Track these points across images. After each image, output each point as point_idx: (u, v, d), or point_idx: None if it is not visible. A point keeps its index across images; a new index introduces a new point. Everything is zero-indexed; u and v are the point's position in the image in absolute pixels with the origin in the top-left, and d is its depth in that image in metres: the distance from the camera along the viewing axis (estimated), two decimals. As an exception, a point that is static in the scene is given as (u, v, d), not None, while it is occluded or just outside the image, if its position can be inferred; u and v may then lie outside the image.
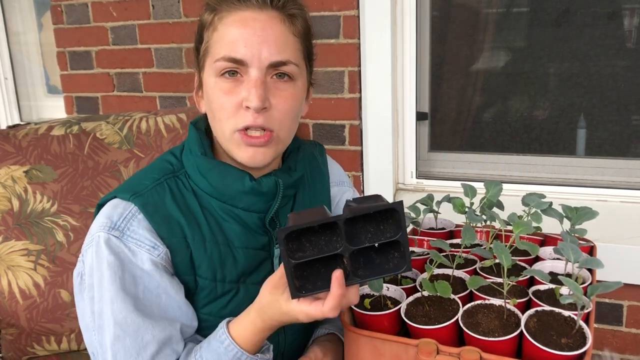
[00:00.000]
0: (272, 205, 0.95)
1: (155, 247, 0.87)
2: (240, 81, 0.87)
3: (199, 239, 0.90)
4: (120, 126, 1.37)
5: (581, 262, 0.83)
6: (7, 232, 1.26)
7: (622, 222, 1.43)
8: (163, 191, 0.91)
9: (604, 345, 1.48)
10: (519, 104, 1.66)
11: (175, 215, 0.90)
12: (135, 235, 0.86)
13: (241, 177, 0.91)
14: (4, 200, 1.26)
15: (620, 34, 1.54)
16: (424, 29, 1.65)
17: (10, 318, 1.27)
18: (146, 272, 0.86)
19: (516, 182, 1.62)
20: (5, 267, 1.25)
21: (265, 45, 0.86)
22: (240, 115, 0.87)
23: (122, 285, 0.84)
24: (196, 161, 0.93)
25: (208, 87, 0.89)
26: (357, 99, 1.58)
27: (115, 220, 0.87)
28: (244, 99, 0.86)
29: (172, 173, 0.94)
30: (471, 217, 0.97)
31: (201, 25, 0.90)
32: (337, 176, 1.14)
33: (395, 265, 0.76)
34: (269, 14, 0.87)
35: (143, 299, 0.86)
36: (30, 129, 1.34)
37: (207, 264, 0.91)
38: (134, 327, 0.84)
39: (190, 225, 0.90)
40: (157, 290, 0.87)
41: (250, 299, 0.91)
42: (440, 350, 0.75)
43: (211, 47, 0.87)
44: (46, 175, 1.29)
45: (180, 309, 0.89)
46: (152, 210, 0.88)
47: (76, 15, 1.90)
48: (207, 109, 0.92)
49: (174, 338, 0.87)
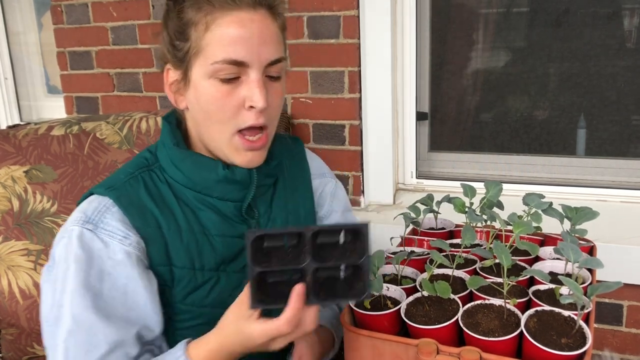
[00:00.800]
0: (248, 194, 0.95)
1: (127, 237, 0.87)
2: (239, 82, 0.87)
3: (175, 229, 0.91)
4: (120, 126, 1.37)
5: (581, 262, 0.83)
6: (7, 232, 1.26)
7: (622, 222, 1.43)
8: (137, 184, 0.92)
9: (604, 345, 1.48)
10: (519, 104, 1.66)
11: (149, 206, 0.91)
12: (108, 227, 0.87)
13: (214, 166, 0.92)
14: (4, 200, 1.26)
15: (620, 34, 1.54)
16: (424, 29, 1.65)
17: (10, 318, 1.27)
18: (118, 262, 0.86)
19: (516, 182, 1.62)
20: (5, 267, 1.25)
21: (263, 46, 0.87)
22: (241, 116, 0.88)
23: (85, 281, 0.84)
24: (169, 153, 0.94)
25: (201, 88, 0.88)
26: (357, 99, 1.58)
27: (90, 214, 0.88)
28: (246, 99, 0.87)
29: (146, 167, 0.95)
30: (471, 217, 0.97)
31: (183, 22, 0.87)
32: (317, 169, 1.15)
33: (356, 292, 0.77)
34: (262, 14, 0.88)
35: (107, 297, 0.85)
36: (30, 129, 1.35)
37: (184, 253, 0.91)
38: (88, 324, 0.83)
39: (164, 216, 0.91)
40: (125, 287, 0.86)
41: (233, 286, 0.92)
42: (440, 350, 0.75)
43: (204, 48, 0.86)
44: (46, 175, 1.29)
45: (145, 307, 0.88)
46: (126, 202, 0.89)
47: (76, 15, 1.90)
48: (197, 109, 0.91)
49: (127, 342, 0.86)
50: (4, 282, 1.25)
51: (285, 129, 1.61)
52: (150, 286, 0.88)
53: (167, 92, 0.94)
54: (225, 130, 0.89)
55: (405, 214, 1.08)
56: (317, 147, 1.65)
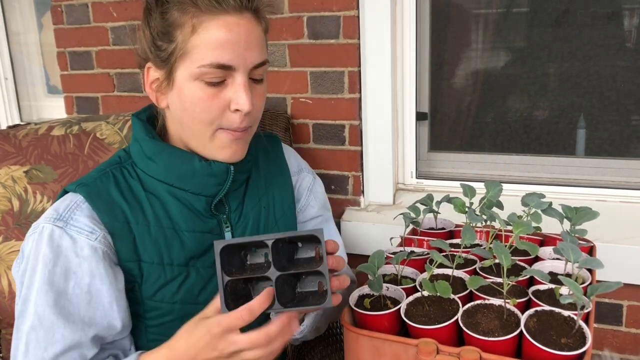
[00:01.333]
0: (222, 189, 0.96)
1: (94, 232, 0.88)
2: (224, 85, 0.88)
3: (143, 224, 0.92)
4: (121, 126, 1.37)
5: (581, 262, 0.84)
6: (7, 232, 1.26)
7: (622, 222, 1.43)
8: (107, 179, 0.93)
9: (603, 345, 1.48)
10: (519, 104, 1.66)
11: (118, 200, 0.92)
12: (77, 223, 0.88)
13: (190, 158, 0.93)
14: (4, 200, 1.27)
15: (620, 34, 1.54)
16: (424, 29, 1.65)
17: (10, 318, 1.27)
18: (84, 257, 0.87)
19: (516, 182, 1.62)
20: (6, 267, 1.25)
21: (249, 50, 0.88)
22: (226, 118, 0.90)
23: (50, 279, 0.86)
24: (143, 146, 0.95)
25: (186, 89, 0.89)
26: (357, 99, 1.58)
27: (61, 211, 0.89)
28: (231, 101, 0.88)
29: (118, 164, 0.97)
30: (471, 217, 0.97)
31: (168, 23, 0.88)
32: (295, 165, 1.17)
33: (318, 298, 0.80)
34: (248, 17, 0.88)
35: (71, 295, 0.87)
36: (30, 129, 1.35)
37: (153, 248, 0.92)
38: (49, 322, 0.85)
39: (133, 211, 0.92)
40: (89, 286, 0.87)
41: (202, 281, 0.93)
42: (440, 350, 0.75)
43: (190, 50, 0.86)
44: (46, 175, 1.29)
45: (110, 306, 0.88)
46: (95, 197, 0.90)
47: (76, 16, 1.90)
48: (180, 109, 0.91)
49: (84, 344, 0.87)
50: (4, 282, 1.25)
51: (285, 129, 1.61)
52: (115, 283, 0.89)
53: (147, 90, 0.95)
54: (209, 130, 0.90)
55: (405, 214, 1.08)
56: (317, 147, 1.65)
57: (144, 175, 0.95)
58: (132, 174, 0.95)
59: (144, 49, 0.92)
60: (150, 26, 0.90)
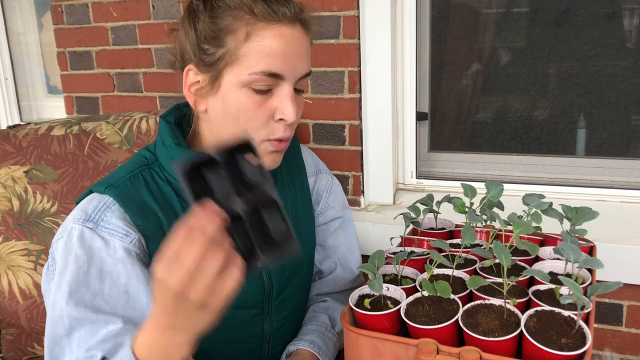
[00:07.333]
0: None
1: (128, 234, 0.87)
2: (270, 93, 0.89)
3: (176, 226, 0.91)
4: (121, 126, 1.37)
5: (581, 262, 0.84)
6: (7, 232, 1.26)
7: (622, 222, 1.43)
8: (137, 181, 0.92)
9: (604, 345, 1.48)
10: (519, 104, 1.66)
11: (150, 203, 0.90)
12: (108, 225, 0.87)
13: None
14: (4, 200, 1.27)
15: (620, 34, 1.54)
16: (424, 29, 1.65)
17: (10, 318, 1.27)
18: (118, 260, 0.85)
19: (516, 182, 1.62)
20: (6, 267, 1.25)
21: (299, 61, 0.89)
22: (271, 127, 0.90)
23: (85, 281, 0.83)
24: (169, 152, 0.94)
25: (233, 95, 0.88)
26: (357, 99, 1.58)
27: (90, 212, 0.87)
28: (276, 111, 0.89)
29: (146, 165, 0.95)
30: (471, 217, 0.97)
31: (219, 27, 0.87)
32: (313, 166, 1.17)
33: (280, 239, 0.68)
34: (299, 29, 0.90)
35: (108, 296, 0.85)
36: (30, 129, 1.35)
37: None
38: (88, 321, 0.82)
39: (165, 213, 0.91)
40: (126, 286, 0.86)
41: None
42: (440, 350, 0.75)
43: (242, 57, 0.86)
44: (46, 175, 1.29)
45: (148, 307, 0.86)
46: (126, 199, 0.89)
47: (76, 16, 1.90)
48: (222, 114, 0.90)
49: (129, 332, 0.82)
50: (4, 282, 1.25)
51: (285, 129, 1.61)
52: (150, 283, 0.88)
53: (185, 93, 0.93)
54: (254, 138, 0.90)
55: (405, 214, 1.08)
56: (317, 147, 1.65)
57: (172, 179, 0.94)
58: (162, 177, 0.94)
59: (186, 50, 0.91)
60: (196, 29, 0.89)
